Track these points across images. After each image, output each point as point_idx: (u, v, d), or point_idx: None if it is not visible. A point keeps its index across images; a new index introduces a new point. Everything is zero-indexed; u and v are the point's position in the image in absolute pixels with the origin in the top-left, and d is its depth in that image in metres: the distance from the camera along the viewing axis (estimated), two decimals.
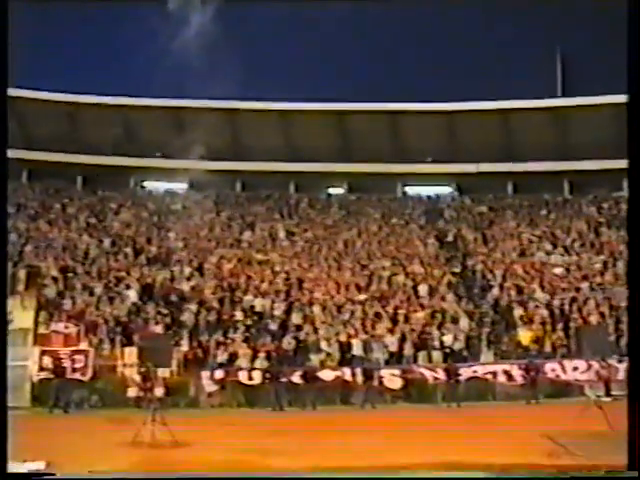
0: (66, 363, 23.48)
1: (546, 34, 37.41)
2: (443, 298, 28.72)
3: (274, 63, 37.92)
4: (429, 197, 41.66)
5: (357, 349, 25.25)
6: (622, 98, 32.55)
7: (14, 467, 7.02)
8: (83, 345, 24.64)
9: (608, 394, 21.61)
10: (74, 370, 23.53)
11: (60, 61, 37.21)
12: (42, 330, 25.31)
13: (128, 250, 32.50)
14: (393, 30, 38.10)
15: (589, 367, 22.62)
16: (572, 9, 35.41)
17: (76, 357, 23.81)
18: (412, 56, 38.50)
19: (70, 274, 29.59)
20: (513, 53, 37.11)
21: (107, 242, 33.33)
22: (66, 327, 25.27)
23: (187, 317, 27.04)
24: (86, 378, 23.67)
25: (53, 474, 6.46)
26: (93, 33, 36.74)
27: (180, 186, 41.27)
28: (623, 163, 34.95)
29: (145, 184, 41.90)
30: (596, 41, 34.16)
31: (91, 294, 28.05)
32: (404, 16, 36.71)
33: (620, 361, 22.82)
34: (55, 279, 28.79)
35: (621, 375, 22.79)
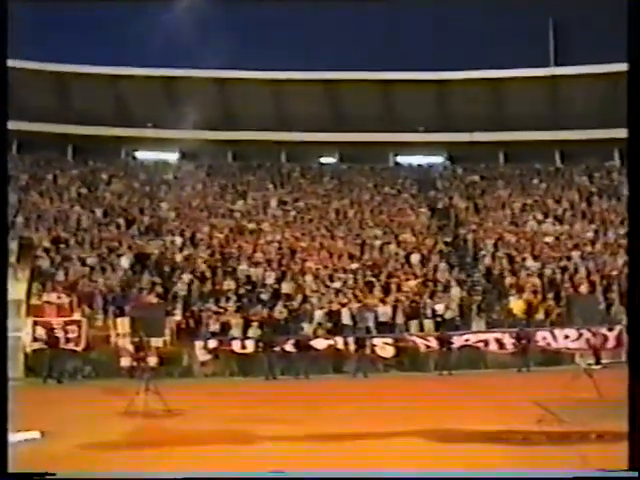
0: (59, 334, 23.52)
1: (539, 2, 37.14)
2: (435, 267, 28.82)
3: (266, 32, 37.62)
4: (421, 166, 41.64)
5: (349, 318, 25.38)
6: (615, 67, 32.66)
7: (9, 437, 7.07)
8: (76, 315, 24.65)
9: (598, 362, 21.80)
10: (67, 340, 23.59)
11: (50, 30, 36.77)
12: (35, 301, 25.33)
13: (120, 221, 32.43)
14: None
15: (580, 335, 22.74)
16: None
17: (69, 327, 23.83)
18: (404, 25, 38.22)
19: (62, 245, 29.57)
20: (506, 22, 36.85)
21: (99, 213, 33.25)
22: (59, 298, 25.26)
23: (180, 287, 27.08)
24: (79, 348, 23.72)
25: (54, 474, 6.53)
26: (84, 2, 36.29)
27: (172, 156, 41.13)
28: (615, 133, 34.95)
29: (137, 154, 41.68)
30: (589, 10, 33.94)
31: (84, 265, 28.05)
32: None
33: (610, 329, 23.06)
34: (47, 250, 28.75)
35: (611, 343, 23.03)
